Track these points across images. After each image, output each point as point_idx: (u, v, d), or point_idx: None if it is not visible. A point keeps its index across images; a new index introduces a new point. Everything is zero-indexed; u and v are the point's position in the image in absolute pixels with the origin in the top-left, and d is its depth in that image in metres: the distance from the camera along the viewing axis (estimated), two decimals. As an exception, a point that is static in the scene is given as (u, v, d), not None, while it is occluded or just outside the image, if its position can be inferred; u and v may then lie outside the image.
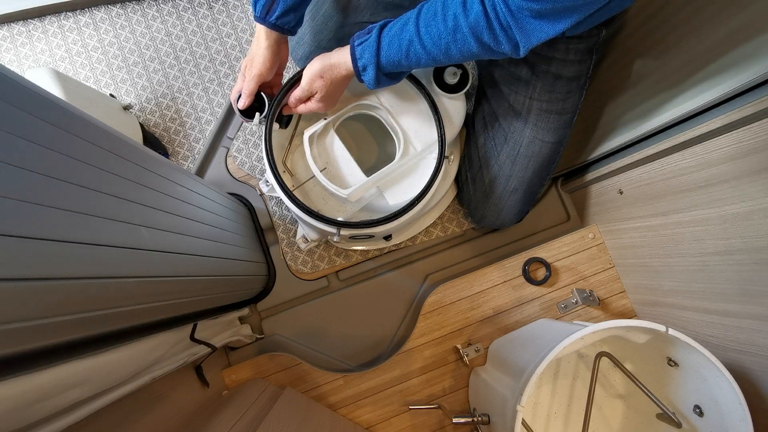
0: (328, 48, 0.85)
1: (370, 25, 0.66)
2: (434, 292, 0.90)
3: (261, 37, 0.70)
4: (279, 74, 0.78)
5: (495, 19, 0.54)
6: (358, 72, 0.66)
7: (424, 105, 0.77)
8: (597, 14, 0.62)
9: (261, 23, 0.69)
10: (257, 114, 0.75)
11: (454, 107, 0.80)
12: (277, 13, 0.68)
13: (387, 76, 0.66)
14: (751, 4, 0.52)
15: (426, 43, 0.60)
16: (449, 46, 0.59)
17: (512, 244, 0.98)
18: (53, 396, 0.35)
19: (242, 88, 0.72)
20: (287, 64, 0.81)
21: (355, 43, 0.66)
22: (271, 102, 0.75)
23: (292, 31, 0.72)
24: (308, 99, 0.72)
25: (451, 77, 0.77)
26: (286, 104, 0.75)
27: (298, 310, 0.94)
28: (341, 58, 0.67)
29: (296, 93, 0.72)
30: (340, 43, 0.85)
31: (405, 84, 0.78)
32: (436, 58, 0.61)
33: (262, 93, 0.74)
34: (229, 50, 1.02)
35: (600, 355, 0.70)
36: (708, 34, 0.59)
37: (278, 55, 0.73)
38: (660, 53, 0.67)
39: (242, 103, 0.73)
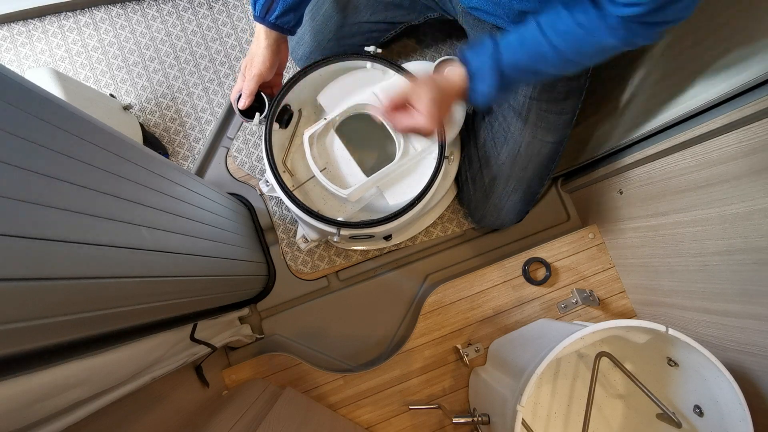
0: (329, 48, 0.85)
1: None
2: (434, 292, 0.90)
3: (260, 37, 0.70)
4: (279, 74, 0.78)
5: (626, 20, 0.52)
6: (471, 80, 0.60)
7: (424, 105, 0.77)
8: None
9: (260, 23, 0.69)
10: (257, 114, 0.75)
11: (454, 107, 0.80)
12: (276, 13, 0.68)
13: (506, 89, 0.61)
14: (751, 4, 0.52)
15: (554, 41, 0.56)
16: (581, 42, 0.55)
17: (512, 244, 0.98)
18: (53, 396, 0.35)
19: (242, 88, 0.73)
20: (287, 64, 0.81)
21: (465, 52, 0.61)
22: (271, 102, 0.75)
23: (292, 31, 0.72)
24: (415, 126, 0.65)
25: (451, 77, 0.77)
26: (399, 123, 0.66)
27: (298, 310, 0.94)
28: (449, 75, 0.62)
29: (416, 122, 0.64)
30: (339, 43, 0.85)
31: (405, 83, 0.78)
32: (566, 57, 0.57)
33: (262, 93, 0.74)
34: (229, 50, 1.02)
35: (600, 355, 0.70)
36: (708, 33, 0.59)
37: (278, 55, 0.73)
38: (660, 53, 0.67)
39: (242, 104, 0.73)
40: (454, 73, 0.62)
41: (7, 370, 0.30)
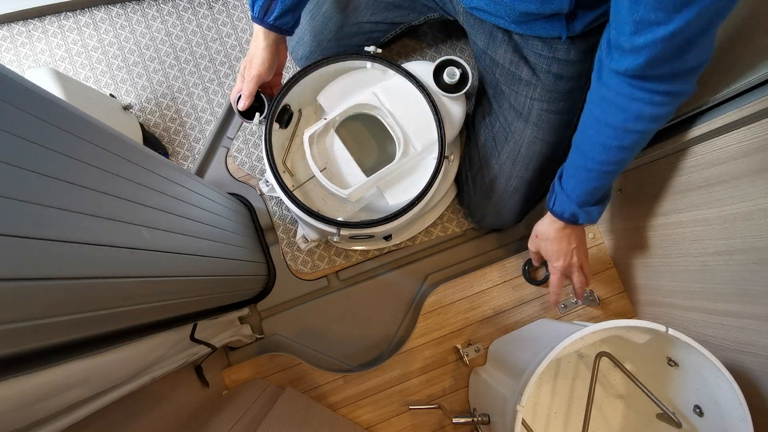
0: (329, 48, 0.85)
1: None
2: (434, 292, 0.90)
3: (259, 38, 0.70)
4: (278, 74, 0.78)
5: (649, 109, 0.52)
6: (574, 221, 0.67)
7: (425, 105, 0.77)
8: (599, 12, 0.62)
9: (259, 24, 0.69)
10: (257, 114, 0.75)
11: (455, 107, 0.80)
12: (275, 14, 0.68)
13: (594, 204, 0.66)
14: (750, 4, 0.52)
15: (589, 153, 0.60)
16: (611, 141, 0.57)
17: (512, 244, 0.98)
18: (53, 396, 0.35)
19: (241, 89, 0.73)
20: (287, 64, 0.81)
21: (552, 207, 0.68)
22: (270, 102, 0.75)
23: (290, 32, 0.72)
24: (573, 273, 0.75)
25: (450, 77, 0.77)
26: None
27: (298, 310, 0.94)
28: (550, 226, 0.71)
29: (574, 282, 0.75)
30: (339, 43, 0.85)
31: (405, 84, 0.78)
32: (609, 159, 0.59)
33: (261, 93, 0.74)
34: (229, 50, 1.02)
35: (600, 355, 0.70)
36: (708, 34, 0.59)
37: (277, 56, 0.73)
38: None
39: (242, 104, 0.73)
40: (552, 223, 0.70)
41: (7, 370, 0.30)
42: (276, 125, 0.76)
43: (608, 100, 0.55)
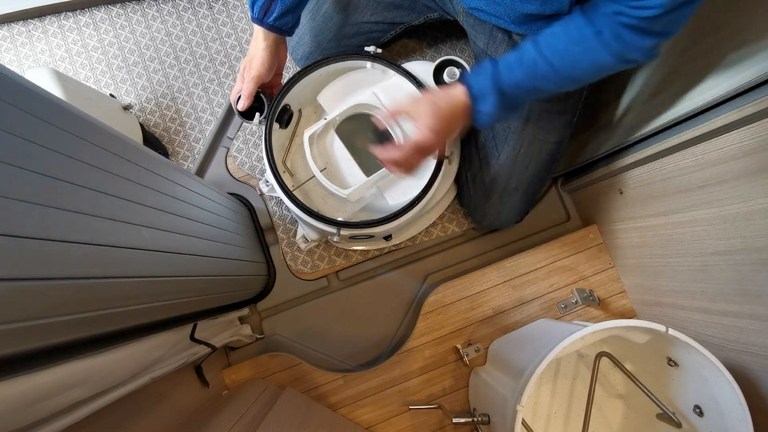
0: (329, 48, 0.85)
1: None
2: (434, 292, 0.90)
3: (259, 38, 0.70)
4: (278, 74, 0.78)
5: (624, 28, 0.52)
6: (476, 106, 0.60)
7: (424, 105, 0.77)
8: None
9: (259, 24, 0.69)
10: (257, 114, 0.75)
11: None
12: (275, 15, 0.68)
13: (509, 109, 0.61)
14: (750, 5, 0.52)
15: (551, 59, 0.57)
16: (577, 59, 0.56)
17: (512, 244, 0.98)
18: (53, 396, 0.35)
19: (241, 89, 0.73)
20: (287, 64, 0.81)
21: (467, 76, 0.61)
22: (270, 102, 0.75)
23: (290, 32, 0.72)
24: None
25: (450, 77, 0.77)
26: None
27: (298, 310, 0.94)
28: (450, 93, 0.61)
29: (416, 143, 0.62)
30: (339, 43, 0.85)
31: (405, 84, 0.78)
32: (564, 74, 0.57)
33: (261, 94, 0.74)
34: (229, 50, 1.02)
35: (600, 355, 0.70)
36: (708, 33, 0.59)
37: (276, 56, 0.73)
38: (661, 52, 0.67)
39: (241, 105, 0.73)
40: (457, 94, 0.61)
41: (7, 370, 0.30)
42: (276, 125, 0.76)
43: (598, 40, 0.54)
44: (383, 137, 0.79)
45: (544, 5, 0.59)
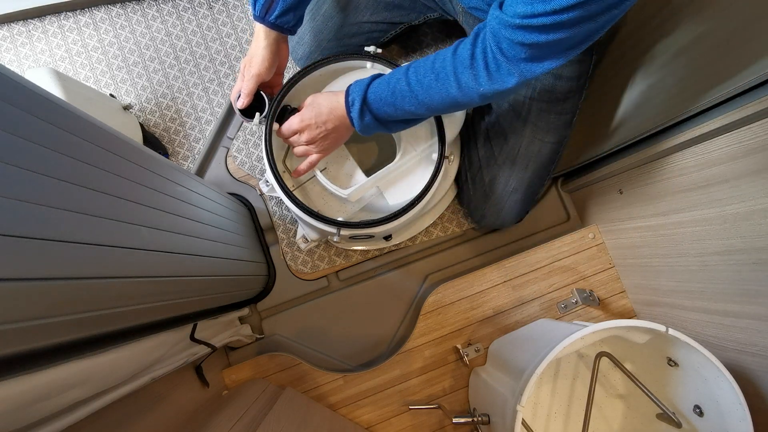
0: (329, 48, 0.85)
1: None
2: (434, 292, 0.90)
3: (260, 37, 0.70)
4: (279, 74, 0.78)
5: (482, 59, 0.53)
6: (347, 107, 0.65)
7: (424, 105, 0.77)
8: None
9: (260, 23, 0.69)
10: (257, 114, 0.74)
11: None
12: (276, 13, 0.68)
13: (375, 118, 0.65)
14: (750, 6, 0.52)
15: (412, 82, 0.60)
16: (431, 86, 0.58)
17: (512, 244, 0.98)
18: (53, 396, 0.35)
19: (241, 87, 0.72)
20: (287, 64, 0.81)
21: (350, 85, 0.66)
22: (271, 102, 0.75)
23: (292, 31, 0.72)
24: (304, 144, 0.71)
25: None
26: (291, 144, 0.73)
27: (298, 310, 0.94)
28: (336, 94, 0.67)
29: (291, 125, 0.70)
30: (340, 43, 0.85)
31: (405, 84, 0.78)
32: (419, 98, 0.60)
33: (262, 93, 0.74)
34: (229, 50, 1.02)
35: (600, 355, 0.70)
36: (708, 33, 0.59)
37: (277, 55, 0.73)
38: (660, 53, 0.67)
39: (240, 103, 0.73)
40: (339, 96, 0.66)
41: (7, 370, 0.30)
42: (276, 125, 0.76)
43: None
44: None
45: None
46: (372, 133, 0.67)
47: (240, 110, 0.74)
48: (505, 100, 0.61)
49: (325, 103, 0.68)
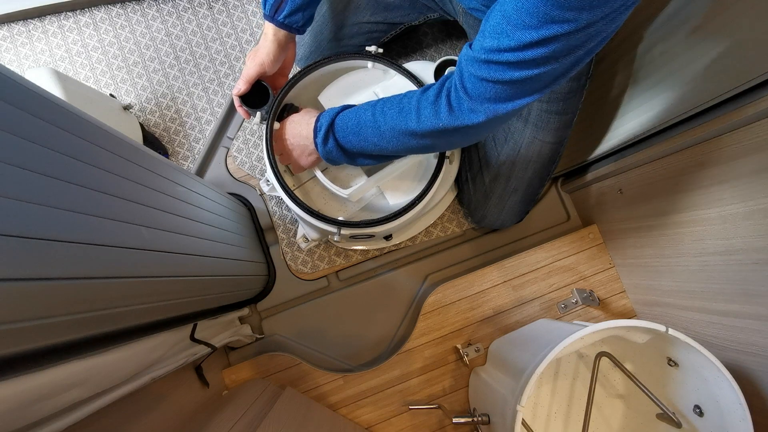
0: (328, 49, 0.85)
1: None
2: (434, 292, 0.90)
3: (269, 33, 0.71)
4: (284, 75, 0.78)
5: (445, 96, 0.52)
6: (315, 131, 0.65)
7: (424, 105, 0.77)
8: None
9: (270, 21, 0.70)
10: (258, 114, 0.74)
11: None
12: (285, 12, 0.69)
13: (339, 146, 0.64)
14: (751, 7, 0.52)
15: (377, 113, 0.59)
16: (394, 118, 0.57)
17: (512, 244, 0.98)
18: (53, 396, 0.35)
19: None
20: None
21: (321, 112, 0.66)
22: (272, 100, 0.75)
23: (300, 31, 0.72)
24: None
25: (451, 77, 0.77)
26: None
27: (298, 310, 0.94)
28: (310, 117, 0.68)
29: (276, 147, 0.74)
30: (339, 43, 0.85)
31: (406, 84, 0.78)
32: (381, 128, 0.59)
33: (265, 84, 0.74)
34: (229, 50, 1.02)
35: (600, 355, 0.70)
36: (708, 34, 0.59)
37: (284, 51, 0.73)
38: (661, 53, 0.67)
39: (236, 89, 0.72)
40: (312, 120, 0.67)
41: (7, 370, 0.29)
42: (277, 125, 0.76)
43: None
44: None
45: None
46: (337, 162, 0.67)
47: (241, 98, 0.73)
48: (480, 139, 0.59)
49: (300, 121, 0.70)
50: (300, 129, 0.70)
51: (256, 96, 0.74)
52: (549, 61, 0.43)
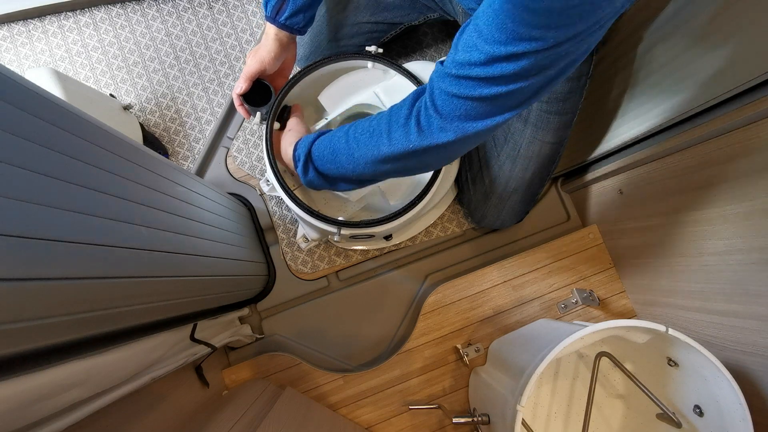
0: (328, 49, 0.85)
1: None
2: (434, 292, 0.90)
3: (270, 33, 0.71)
4: (284, 76, 0.78)
5: (415, 115, 0.51)
6: (294, 161, 0.64)
7: (424, 105, 0.77)
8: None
9: (271, 23, 0.70)
10: (258, 114, 0.74)
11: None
12: (286, 14, 0.69)
13: (319, 175, 0.63)
14: (751, 7, 0.52)
15: (350, 138, 0.58)
16: (366, 143, 0.56)
17: (512, 244, 0.98)
18: (53, 396, 0.35)
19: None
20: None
21: (299, 140, 0.65)
22: (273, 99, 0.75)
23: (301, 31, 0.73)
24: None
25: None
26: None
27: (298, 310, 0.94)
28: (293, 140, 0.67)
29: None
30: (339, 44, 0.85)
31: (406, 83, 0.78)
32: (354, 155, 0.57)
33: (266, 83, 0.74)
34: (229, 50, 1.02)
35: (600, 355, 0.70)
36: (707, 34, 0.59)
37: (285, 51, 0.73)
38: (661, 53, 0.67)
39: (238, 88, 0.72)
40: (291, 146, 0.66)
41: (7, 370, 0.29)
42: (277, 124, 0.76)
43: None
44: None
45: None
46: (321, 189, 0.66)
47: (244, 97, 0.73)
48: (454, 160, 0.57)
49: (284, 140, 0.71)
50: (285, 147, 0.70)
51: (257, 95, 0.74)
52: (518, 79, 0.43)
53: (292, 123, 0.73)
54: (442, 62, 0.49)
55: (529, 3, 0.36)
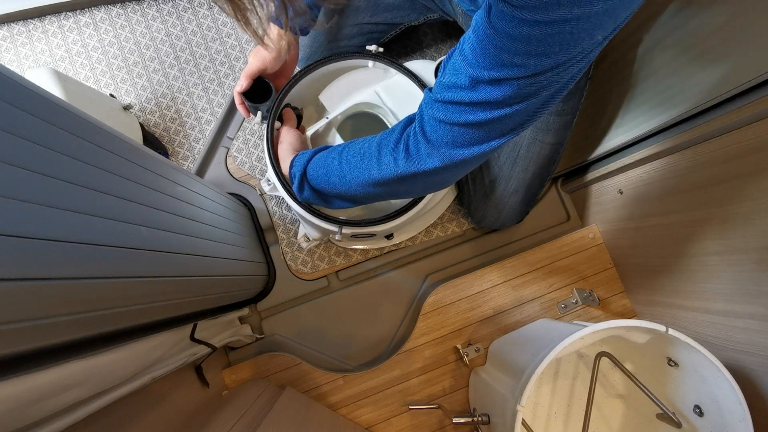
0: (328, 49, 0.85)
1: None
2: (434, 292, 0.90)
3: (272, 33, 0.71)
4: (285, 77, 0.78)
5: (404, 141, 0.52)
6: (291, 178, 0.65)
7: (424, 105, 0.77)
8: None
9: (273, 23, 0.70)
10: (259, 113, 0.74)
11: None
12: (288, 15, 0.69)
13: (315, 193, 0.64)
14: (751, 7, 0.52)
15: (343, 159, 0.59)
16: (357, 165, 0.57)
17: (512, 244, 0.98)
18: (53, 396, 0.35)
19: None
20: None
21: (295, 156, 0.66)
22: (274, 98, 0.75)
23: (304, 32, 0.73)
24: None
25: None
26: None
27: (298, 310, 0.94)
28: (289, 155, 0.69)
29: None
30: (339, 44, 0.85)
31: (407, 82, 0.78)
32: (346, 177, 0.58)
33: (267, 81, 0.74)
34: (229, 50, 1.02)
35: (600, 355, 0.70)
36: (707, 34, 0.59)
37: (286, 51, 0.73)
38: (659, 55, 0.67)
39: (239, 85, 0.72)
40: (288, 161, 0.68)
41: (7, 370, 0.29)
42: (278, 124, 0.76)
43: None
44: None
45: None
46: (318, 206, 0.67)
47: (245, 95, 0.73)
48: (443, 188, 0.59)
49: (281, 143, 0.72)
50: (282, 152, 0.72)
51: (258, 93, 0.74)
52: (502, 105, 0.43)
53: (284, 133, 0.74)
54: (430, 89, 0.50)
55: (510, 30, 0.37)
